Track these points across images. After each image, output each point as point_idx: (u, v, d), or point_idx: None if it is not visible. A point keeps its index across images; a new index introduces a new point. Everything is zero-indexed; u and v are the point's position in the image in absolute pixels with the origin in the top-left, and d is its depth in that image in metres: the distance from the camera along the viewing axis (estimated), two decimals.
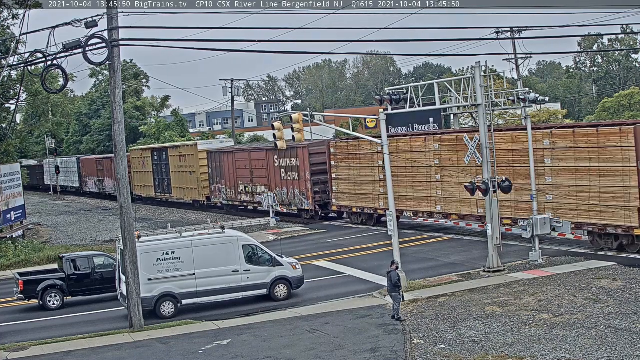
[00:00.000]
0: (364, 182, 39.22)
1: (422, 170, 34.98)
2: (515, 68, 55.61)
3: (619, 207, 26.64)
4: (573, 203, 28.21)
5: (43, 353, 20.29)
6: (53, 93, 40.72)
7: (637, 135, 26.14)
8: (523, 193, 29.16)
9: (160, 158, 58.13)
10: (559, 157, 28.80)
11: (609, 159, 26.81)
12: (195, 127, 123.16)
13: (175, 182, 55.42)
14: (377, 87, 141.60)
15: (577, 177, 28.02)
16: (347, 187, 40.66)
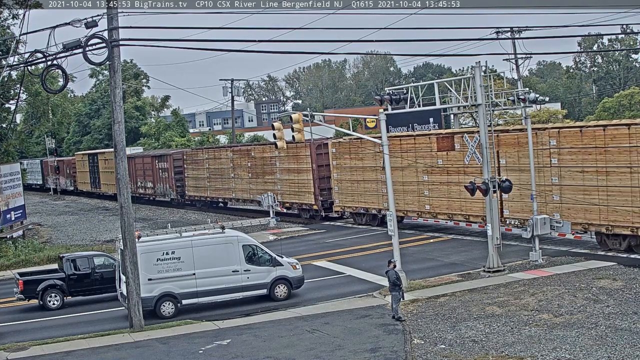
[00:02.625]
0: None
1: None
2: (515, 68, 55.62)
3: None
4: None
5: (43, 353, 20.29)
6: (53, 93, 40.72)
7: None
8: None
9: (93, 161, 72.63)
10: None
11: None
12: (195, 127, 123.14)
13: (103, 179, 70.24)
14: (377, 87, 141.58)
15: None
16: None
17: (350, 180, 40.54)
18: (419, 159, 35.49)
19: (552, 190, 29.30)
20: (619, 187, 26.92)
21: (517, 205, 30.82)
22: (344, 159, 40.70)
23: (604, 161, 27.43)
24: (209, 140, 79.15)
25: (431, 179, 35.20)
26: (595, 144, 27.80)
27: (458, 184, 32.84)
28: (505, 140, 31.30)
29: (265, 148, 48.18)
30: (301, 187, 43.88)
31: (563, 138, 29.02)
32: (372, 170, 38.66)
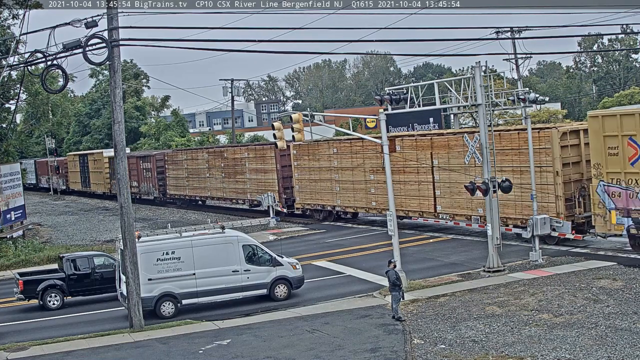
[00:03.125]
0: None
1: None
2: (515, 68, 55.66)
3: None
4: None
5: (43, 353, 20.29)
6: (53, 93, 40.72)
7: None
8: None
9: (83, 162, 76.03)
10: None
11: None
12: (195, 127, 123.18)
13: (92, 179, 73.90)
14: (377, 87, 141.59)
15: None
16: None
17: (308, 180, 43.22)
18: (367, 160, 38.46)
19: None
20: (530, 185, 28.46)
21: (448, 201, 33.99)
22: (303, 160, 43.62)
23: (519, 161, 29.99)
24: (209, 140, 79.16)
25: (376, 178, 37.76)
26: (512, 146, 30.49)
27: (399, 182, 35.63)
28: (438, 144, 34.26)
29: (236, 150, 51.50)
30: (267, 186, 46.60)
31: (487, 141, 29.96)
32: (327, 171, 41.69)
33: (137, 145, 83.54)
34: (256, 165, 47.80)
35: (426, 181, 35.12)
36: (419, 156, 35.28)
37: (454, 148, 33.23)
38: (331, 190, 41.58)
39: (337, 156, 40.82)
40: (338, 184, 40.92)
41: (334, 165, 41.05)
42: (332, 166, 41.23)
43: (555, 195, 28.87)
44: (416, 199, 35.70)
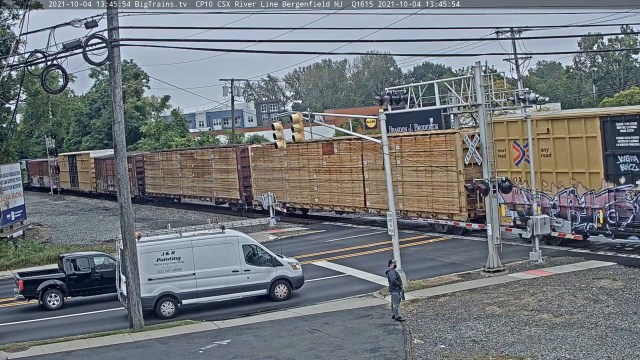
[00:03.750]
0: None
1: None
2: (515, 68, 55.59)
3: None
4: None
5: (43, 353, 20.29)
6: (53, 93, 40.71)
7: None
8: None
9: (72, 162, 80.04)
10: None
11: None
12: (195, 127, 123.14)
13: (80, 178, 78.01)
14: (377, 87, 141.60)
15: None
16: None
17: (264, 179, 47.73)
18: (311, 161, 43.06)
19: (397, 185, 35.40)
20: (440, 182, 33.90)
21: (375, 197, 38.13)
22: (259, 161, 48.30)
23: (429, 162, 34.22)
24: (209, 140, 79.15)
25: (318, 177, 42.47)
26: (424, 149, 34.79)
27: (337, 181, 40.93)
28: (366, 146, 38.03)
29: (204, 152, 55.92)
30: (230, 184, 51.05)
31: (404, 144, 36.06)
32: (279, 171, 46.22)
33: (137, 145, 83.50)
34: (221, 166, 51.91)
35: (358, 180, 39.39)
36: (352, 158, 39.66)
37: (379, 150, 33.37)
38: (282, 189, 45.68)
39: (287, 158, 44.97)
40: (287, 182, 45.24)
41: (284, 166, 45.43)
42: (282, 167, 45.65)
43: (458, 192, 32.79)
44: (350, 196, 40.13)
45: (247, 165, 49.45)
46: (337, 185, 40.87)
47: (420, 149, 35.02)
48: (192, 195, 57.34)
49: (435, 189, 34.15)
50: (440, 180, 33.87)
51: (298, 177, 44.24)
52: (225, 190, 51.56)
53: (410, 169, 35.59)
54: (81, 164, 76.13)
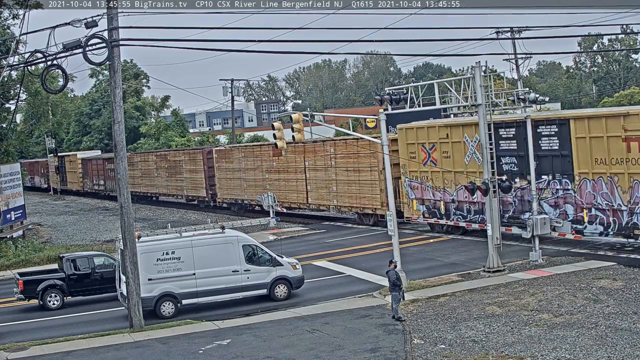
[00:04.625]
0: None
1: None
2: (515, 68, 55.58)
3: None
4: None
5: (43, 353, 20.29)
6: (53, 93, 40.70)
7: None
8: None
9: (61, 162, 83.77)
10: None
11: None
12: (195, 127, 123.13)
13: (69, 178, 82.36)
14: (377, 87, 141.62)
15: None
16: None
17: (226, 179, 52.05)
18: (264, 162, 47.43)
19: (332, 183, 41.00)
20: (365, 181, 38.45)
21: (315, 194, 42.74)
22: (222, 162, 52.50)
23: (357, 163, 38.83)
24: (209, 140, 79.12)
25: (270, 176, 46.90)
26: (353, 152, 39.25)
27: (285, 180, 45.33)
28: (307, 149, 42.96)
29: (176, 154, 61.10)
30: (198, 183, 55.62)
31: (337, 147, 40.65)
32: (238, 171, 50.36)
33: (137, 145, 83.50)
34: (190, 167, 56.59)
35: (301, 179, 43.77)
36: (296, 159, 44.14)
37: (318, 153, 42.01)
38: (240, 187, 50.12)
39: (244, 159, 49.51)
40: (245, 182, 49.50)
41: (242, 166, 49.78)
42: (241, 167, 49.96)
43: (379, 190, 37.19)
44: (295, 193, 44.54)
45: (212, 166, 53.62)
46: (285, 184, 45.49)
47: (350, 152, 39.59)
48: (166, 193, 62.30)
49: (362, 187, 38.97)
50: (366, 180, 38.55)
51: (253, 176, 48.60)
52: (194, 189, 56.37)
53: (342, 169, 40.32)
54: (69, 164, 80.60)
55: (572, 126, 27.34)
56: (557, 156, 28.40)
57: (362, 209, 39.41)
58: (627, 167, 25.74)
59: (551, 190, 28.77)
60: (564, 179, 28.20)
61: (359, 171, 38.84)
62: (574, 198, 27.87)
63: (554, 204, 28.81)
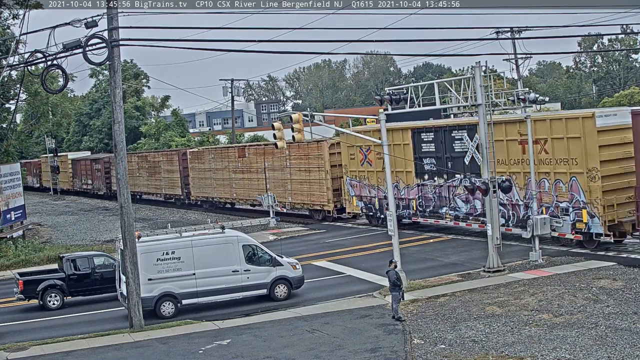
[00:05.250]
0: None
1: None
2: (515, 68, 55.58)
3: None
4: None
5: (43, 353, 20.29)
6: (53, 93, 40.71)
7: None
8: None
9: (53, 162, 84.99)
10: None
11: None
12: (195, 127, 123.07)
13: (60, 177, 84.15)
14: (377, 87, 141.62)
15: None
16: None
17: (198, 178, 55.97)
18: (231, 163, 51.15)
19: (287, 182, 44.88)
20: (315, 180, 42.26)
21: (274, 192, 45.12)
22: (195, 163, 56.36)
23: (308, 164, 42.67)
24: (209, 140, 79.06)
25: (235, 176, 50.65)
26: (305, 154, 42.75)
27: (248, 179, 49.27)
28: (266, 151, 46.93)
29: (155, 155, 65.70)
30: (174, 183, 59.63)
31: (291, 149, 43.69)
32: (208, 171, 54.11)
33: (137, 145, 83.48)
34: (167, 167, 60.79)
35: (262, 178, 47.35)
36: (257, 160, 48.01)
37: (275, 154, 45.37)
38: (211, 186, 53.83)
39: (214, 160, 53.30)
40: (215, 181, 53.34)
41: (212, 167, 53.55)
42: (211, 168, 53.68)
43: (326, 188, 41.62)
44: (257, 191, 47.84)
45: (187, 166, 57.67)
46: (248, 183, 49.48)
47: (302, 153, 43.30)
48: (147, 192, 66.39)
49: (311, 186, 42.78)
50: (315, 179, 42.51)
51: (222, 176, 52.48)
52: (170, 188, 60.62)
53: (295, 169, 44.22)
54: (61, 164, 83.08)
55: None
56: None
57: (312, 205, 43.47)
58: (523, 167, 29.47)
59: (463, 187, 31.95)
60: (473, 178, 29.70)
61: (309, 171, 42.81)
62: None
63: (465, 200, 32.68)
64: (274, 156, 45.80)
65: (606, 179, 27.21)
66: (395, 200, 32.92)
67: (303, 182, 43.52)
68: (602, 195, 27.05)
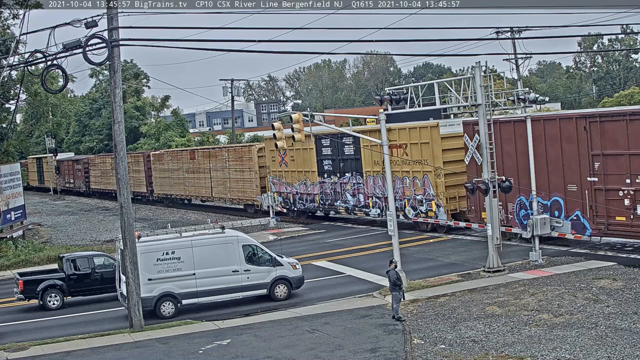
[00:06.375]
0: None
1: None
2: (515, 68, 55.58)
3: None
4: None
5: (43, 353, 20.29)
6: (53, 93, 40.78)
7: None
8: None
9: (39, 163, 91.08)
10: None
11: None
12: (195, 127, 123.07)
13: (45, 177, 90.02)
14: (377, 87, 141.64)
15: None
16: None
17: (160, 177, 62.09)
18: (184, 164, 57.56)
19: (227, 181, 50.79)
20: (247, 179, 48.66)
21: (216, 189, 52.65)
22: (156, 164, 62.50)
23: (242, 165, 49.24)
24: (209, 140, 79.06)
25: (188, 175, 56.99)
26: (239, 156, 49.51)
27: (198, 178, 55.46)
28: (211, 153, 53.52)
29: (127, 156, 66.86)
30: (140, 181, 65.76)
31: (229, 152, 50.92)
32: (167, 171, 60.47)
33: (137, 145, 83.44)
34: (135, 168, 65.60)
35: (207, 177, 53.80)
36: (204, 162, 54.19)
37: (218, 157, 52.21)
38: (169, 184, 60.37)
39: (171, 162, 59.85)
40: (172, 180, 59.71)
41: (169, 167, 60.19)
42: (169, 168, 60.27)
43: (255, 185, 47.82)
44: (204, 188, 54.56)
45: (150, 167, 63.88)
46: (197, 181, 55.84)
47: (237, 156, 49.85)
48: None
49: (244, 184, 49.18)
50: (247, 178, 48.79)
51: (177, 175, 58.95)
52: (138, 186, 65.75)
53: (233, 169, 50.41)
54: (46, 165, 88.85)
55: (361, 139, 35.42)
56: (354, 159, 39.20)
57: (245, 200, 49.92)
58: (391, 167, 30.63)
59: (351, 184, 39.44)
60: (358, 176, 38.92)
61: (243, 172, 49.40)
62: (364, 189, 38.54)
63: (352, 194, 39.46)
64: (217, 158, 52.69)
65: (448, 176, 33.54)
66: (305, 195, 43.32)
67: (238, 181, 49.95)
68: (445, 190, 33.72)
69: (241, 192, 49.97)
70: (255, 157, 47.95)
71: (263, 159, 47.42)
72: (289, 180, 44.36)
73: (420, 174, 34.69)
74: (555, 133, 28.15)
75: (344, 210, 40.78)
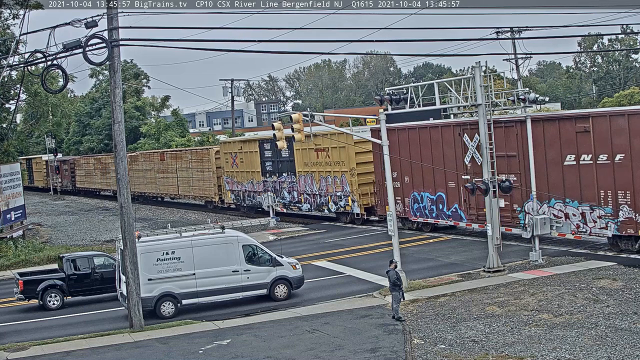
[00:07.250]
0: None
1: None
2: (515, 68, 55.61)
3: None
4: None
5: (43, 353, 20.29)
6: (53, 93, 40.76)
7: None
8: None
9: (29, 164, 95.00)
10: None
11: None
12: (195, 127, 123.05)
13: (35, 177, 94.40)
14: (377, 87, 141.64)
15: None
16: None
17: (135, 177, 64.29)
18: (156, 165, 62.82)
19: (190, 180, 56.45)
20: (207, 178, 54.19)
21: (182, 187, 58.61)
22: (133, 165, 65.80)
23: (202, 166, 54.64)
24: (209, 140, 79.04)
25: (158, 175, 62.64)
26: (200, 158, 55.04)
27: (166, 177, 61.05)
28: (177, 155, 59.30)
29: (106, 157, 75.05)
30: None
31: (192, 154, 56.79)
32: (142, 171, 65.61)
33: (137, 145, 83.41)
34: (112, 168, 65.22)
35: (175, 177, 59.62)
36: (172, 163, 59.86)
37: (183, 158, 57.84)
38: (143, 183, 65.76)
39: (144, 162, 65.45)
40: (145, 179, 65.39)
41: (143, 167, 65.53)
42: (142, 168, 65.69)
43: (213, 184, 53.10)
44: (172, 187, 60.42)
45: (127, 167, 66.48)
46: (166, 180, 61.42)
47: (198, 158, 55.40)
48: (102, 189, 77.46)
49: (205, 182, 54.58)
50: (207, 177, 54.28)
51: (150, 175, 64.51)
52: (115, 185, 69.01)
53: (195, 170, 55.92)
54: (36, 165, 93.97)
55: (294, 143, 38.40)
56: (289, 161, 44.53)
57: (206, 197, 55.34)
58: (317, 167, 42.18)
59: (287, 182, 44.97)
60: (292, 175, 44.45)
61: (203, 171, 54.87)
62: (297, 187, 44.07)
63: (288, 191, 44.93)
64: (182, 160, 58.20)
65: (361, 175, 39.47)
66: (252, 193, 48.78)
67: (200, 180, 55.47)
68: (358, 187, 39.45)
69: (202, 190, 55.59)
70: (213, 159, 53.43)
71: (219, 161, 52.80)
72: (239, 180, 50.14)
73: (339, 173, 40.43)
74: (438, 138, 33.80)
75: (282, 206, 45.65)
